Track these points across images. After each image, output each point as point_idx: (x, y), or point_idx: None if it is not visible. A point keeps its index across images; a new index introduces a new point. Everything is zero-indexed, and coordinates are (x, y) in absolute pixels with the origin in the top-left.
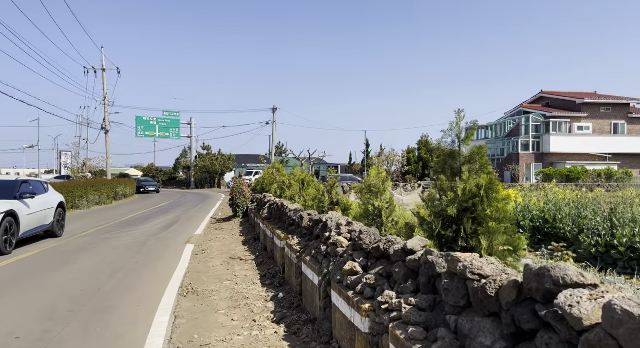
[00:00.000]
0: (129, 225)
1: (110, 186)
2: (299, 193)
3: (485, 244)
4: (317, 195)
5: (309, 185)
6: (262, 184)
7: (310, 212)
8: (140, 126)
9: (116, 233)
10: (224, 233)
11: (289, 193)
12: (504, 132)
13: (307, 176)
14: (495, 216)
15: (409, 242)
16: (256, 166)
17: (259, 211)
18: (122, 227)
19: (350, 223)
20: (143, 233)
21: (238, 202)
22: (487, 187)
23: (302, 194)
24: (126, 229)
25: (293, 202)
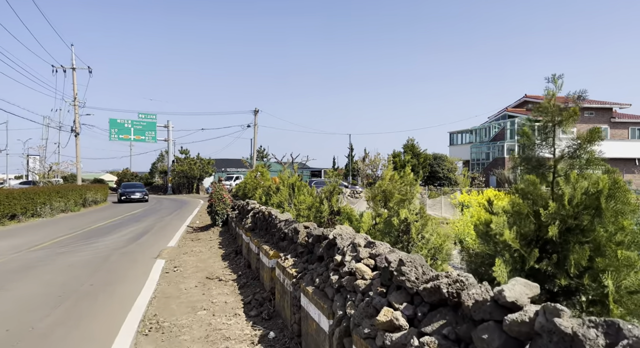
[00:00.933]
0: (94, 235)
1: (79, 192)
2: (288, 200)
3: (611, 285)
4: (314, 202)
5: (300, 190)
6: (244, 189)
7: (307, 225)
8: (114, 129)
9: (76, 246)
10: (201, 245)
11: (276, 200)
12: (489, 136)
13: (297, 180)
14: (620, 239)
15: (506, 289)
16: (237, 171)
17: (241, 220)
18: (86, 238)
19: (372, 243)
20: (108, 245)
21: (217, 209)
22: (610, 193)
23: (293, 201)
24: (89, 241)
25: (282, 210)
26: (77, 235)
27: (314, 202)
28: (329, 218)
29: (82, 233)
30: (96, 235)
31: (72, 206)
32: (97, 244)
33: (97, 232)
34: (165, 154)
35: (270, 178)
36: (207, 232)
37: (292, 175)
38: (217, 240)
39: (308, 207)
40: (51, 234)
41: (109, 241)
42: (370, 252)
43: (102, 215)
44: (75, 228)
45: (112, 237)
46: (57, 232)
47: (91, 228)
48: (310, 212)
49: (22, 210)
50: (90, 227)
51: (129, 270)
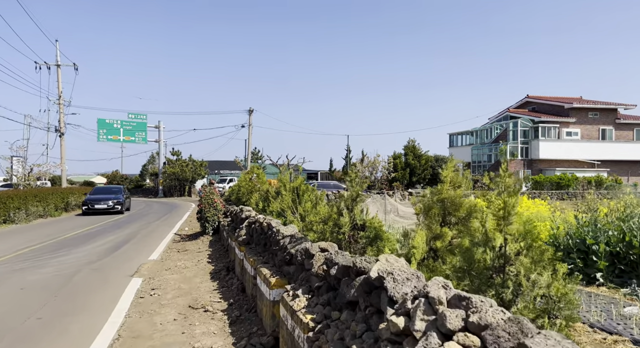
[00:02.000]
0: (67, 246)
1: (60, 195)
2: (291, 208)
3: None
4: (330, 213)
5: (305, 196)
6: (238, 193)
7: (324, 246)
8: (103, 130)
9: (41, 260)
10: (187, 258)
11: (276, 207)
12: (490, 138)
13: (301, 183)
14: None
15: None
16: (230, 173)
17: (234, 230)
18: (56, 249)
19: (464, 298)
20: (79, 259)
21: (207, 216)
22: None
23: (298, 210)
24: (59, 253)
25: (283, 219)
26: (48, 245)
27: (330, 213)
28: (350, 235)
29: (53, 242)
30: (69, 245)
31: (52, 211)
32: (67, 257)
33: (72, 241)
34: (156, 155)
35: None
36: (195, 242)
37: (295, 178)
38: (206, 252)
39: (323, 220)
40: (18, 244)
41: (82, 253)
42: (465, 318)
43: (83, 221)
44: (48, 236)
45: (86, 247)
46: (26, 241)
47: (66, 237)
48: (326, 226)
49: None
50: (65, 234)
51: (95, 294)
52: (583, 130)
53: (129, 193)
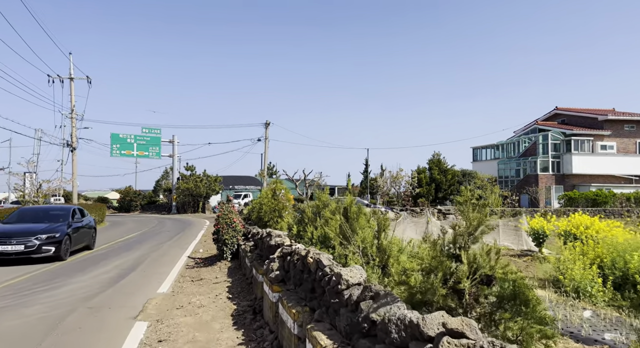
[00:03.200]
0: (64, 273)
1: None
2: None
3: None
4: (437, 254)
5: (357, 218)
6: (259, 211)
7: (455, 328)
8: (116, 144)
9: (29, 295)
10: (203, 291)
11: (318, 233)
12: (518, 152)
13: (352, 203)
14: None
15: None
16: (245, 188)
17: (260, 259)
18: (51, 278)
19: None
20: (75, 292)
21: (225, 238)
22: None
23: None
24: (53, 283)
25: (330, 251)
26: (43, 273)
27: (436, 253)
28: (472, 292)
29: (50, 269)
30: (68, 272)
31: None
32: (61, 290)
33: (71, 268)
34: (170, 170)
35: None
36: (212, 268)
37: (347, 196)
38: (225, 283)
39: (426, 269)
40: (10, 271)
41: (80, 283)
42: None
43: None
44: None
45: (87, 275)
46: (19, 267)
47: (67, 261)
48: (427, 280)
49: None
50: (67, 259)
51: None
52: (619, 144)
53: (92, 222)
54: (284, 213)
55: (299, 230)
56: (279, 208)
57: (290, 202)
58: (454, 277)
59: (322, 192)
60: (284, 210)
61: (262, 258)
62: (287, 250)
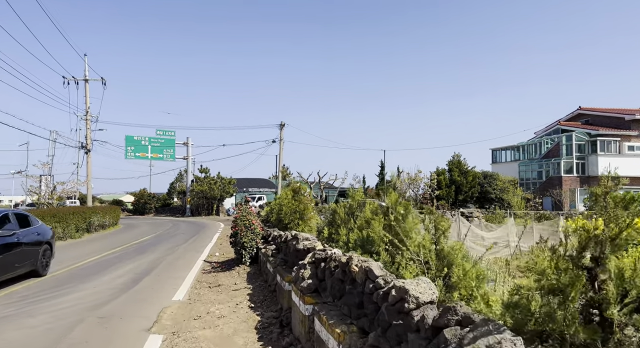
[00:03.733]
0: (75, 279)
1: (82, 215)
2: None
3: None
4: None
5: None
6: (279, 213)
7: None
8: (131, 147)
9: (35, 302)
10: (222, 299)
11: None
12: (539, 153)
13: (397, 200)
14: None
15: None
16: (259, 190)
17: (285, 264)
18: (60, 284)
19: None
20: (84, 300)
21: (244, 241)
22: None
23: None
24: (62, 289)
25: (374, 257)
26: (53, 278)
27: (566, 265)
28: (621, 323)
29: (61, 274)
30: (79, 277)
31: (73, 232)
32: (70, 297)
33: (83, 272)
34: (184, 173)
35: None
36: (230, 273)
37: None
38: (245, 290)
39: (550, 287)
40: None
41: (90, 290)
42: None
43: (104, 243)
44: (59, 264)
45: (98, 281)
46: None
47: (79, 265)
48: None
49: None
50: (79, 262)
51: None
52: None
53: (46, 233)
54: (307, 214)
55: (330, 233)
56: (300, 210)
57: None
58: (587, 299)
59: (355, 190)
60: (306, 212)
61: (287, 263)
62: (321, 256)
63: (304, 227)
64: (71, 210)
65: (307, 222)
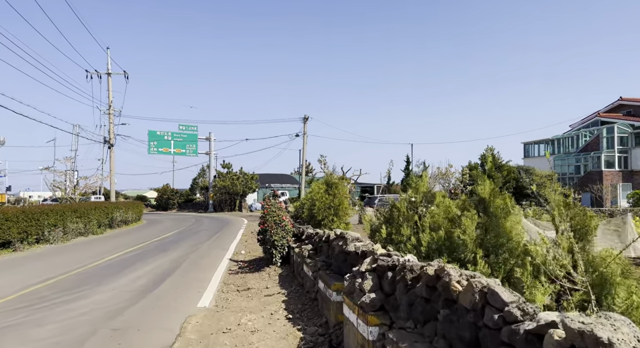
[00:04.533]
0: (91, 280)
1: (104, 210)
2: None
3: None
4: None
5: (505, 215)
6: (311, 209)
7: None
8: (154, 142)
9: (45, 308)
10: (253, 308)
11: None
12: (576, 147)
13: (493, 192)
14: None
15: None
16: (281, 186)
17: (328, 269)
18: (75, 286)
19: None
20: (100, 305)
21: (275, 239)
22: None
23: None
24: (76, 292)
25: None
26: (68, 278)
27: None
28: None
29: (78, 273)
30: (97, 277)
31: (95, 228)
32: (84, 302)
33: (103, 271)
34: (206, 168)
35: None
36: (260, 275)
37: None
38: (279, 296)
39: None
40: (35, 275)
41: (107, 294)
42: None
43: (125, 240)
44: (78, 263)
45: (116, 283)
46: (46, 271)
47: (96, 264)
48: None
49: (20, 235)
50: (97, 261)
51: None
52: None
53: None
54: (342, 210)
55: (389, 233)
56: (335, 205)
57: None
58: None
59: (419, 179)
60: (342, 208)
61: (330, 267)
62: (386, 263)
63: (339, 223)
64: (93, 205)
65: (343, 218)
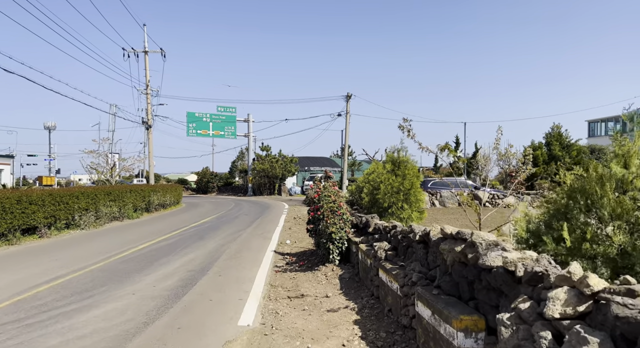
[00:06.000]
0: (113, 277)
1: (140, 194)
2: None
3: None
4: None
5: None
6: (373, 194)
7: None
8: (192, 124)
9: (48, 319)
10: (314, 331)
11: None
12: None
13: None
14: None
15: None
16: (320, 170)
17: (430, 283)
18: (94, 285)
19: None
20: (112, 321)
21: (331, 231)
22: None
23: None
24: (93, 295)
25: None
26: (84, 275)
27: None
28: None
29: (97, 269)
30: (116, 276)
31: (130, 212)
32: (95, 313)
33: (125, 267)
34: (245, 151)
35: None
36: (314, 275)
37: None
38: (346, 311)
39: None
40: (46, 271)
41: (125, 301)
42: None
43: (161, 225)
44: (103, 253)
45: (138, 284)
46: (63, 264)
47: (123, 255)
48: None
49: (47, 219)
50: (124, 251)
51: None
52: None
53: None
54: (414, 194)
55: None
56: (405, 189)
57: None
58: None
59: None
60: (414, 192)
61: (432, 282)
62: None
63: (410, 211)
64: (128, 188)
65: (415, 204)
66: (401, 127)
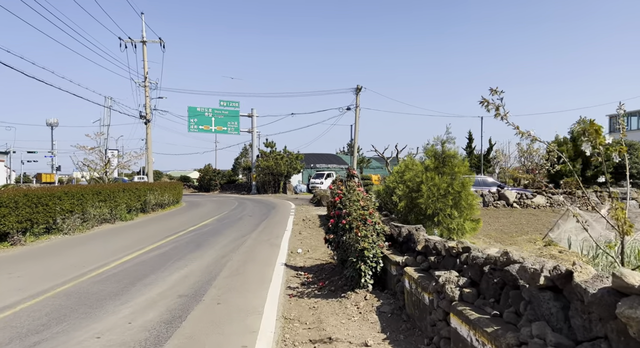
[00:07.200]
0: (78, 306)
1: (134, 193)
2: None
3: None
4: None
5: None
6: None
7: None
8: (194, 119)
9: None
10: None
11: None
12: None
13: None
14: None
15: None
16: (327, 167)
17: None
18: (47, 321)
19: None
20: None
21: (364, 247)
22: None
23: None
24: (45, 338)
25: None
26: (41, 304)
27: None
28: None
29: (69, 289)
30: (90, 302)
31: (123, 213)
32: None
33: (97, 291)
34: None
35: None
36: (340, 305)
37: None
38: None
39: None
40: (6, 292)
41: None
42: None
43: (156, 228)
44: (82, 266)
45: (108, 320)
46: (31, 280)
47: (100, 272)
48: None
49: (21, 224)
50: (104, 266)
51: None
52: None
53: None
54: (466, 199)
55: None
56: (455, 192)
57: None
58: None
59: None
60: (465, 195)
61: None
62: None
63: (462, 221)
64: (121, 187)
65: (466, 212)
66: (484, 102)
